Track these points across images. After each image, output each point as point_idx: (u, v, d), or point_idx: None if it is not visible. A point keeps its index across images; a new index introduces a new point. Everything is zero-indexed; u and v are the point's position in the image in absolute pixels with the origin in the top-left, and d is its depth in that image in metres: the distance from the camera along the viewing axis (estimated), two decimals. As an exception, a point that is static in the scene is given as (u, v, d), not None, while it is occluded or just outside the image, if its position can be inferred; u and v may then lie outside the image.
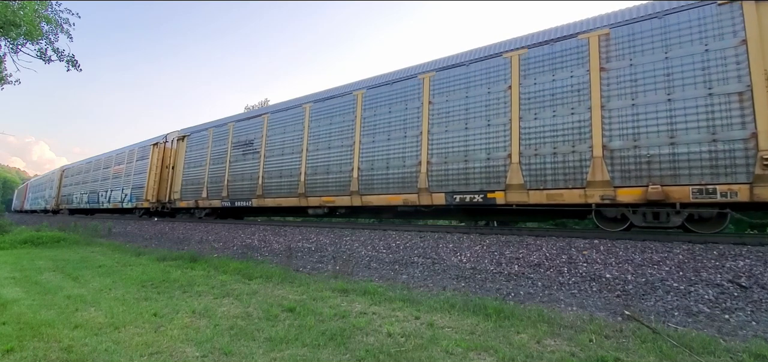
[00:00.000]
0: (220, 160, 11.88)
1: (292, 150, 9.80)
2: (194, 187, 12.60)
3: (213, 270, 6.36)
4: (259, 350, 3.06)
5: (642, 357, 2.86)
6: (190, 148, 13.24)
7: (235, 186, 11.16)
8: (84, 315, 4.06)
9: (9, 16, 11.82)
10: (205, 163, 12.34)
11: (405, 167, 7.65)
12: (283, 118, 10.33)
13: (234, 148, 11.47)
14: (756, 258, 4.20)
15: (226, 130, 11.91)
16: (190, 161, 13.03)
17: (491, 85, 6.86)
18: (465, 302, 4.19)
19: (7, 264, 7.55)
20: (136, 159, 16.04)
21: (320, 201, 8.93)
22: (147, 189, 14.67)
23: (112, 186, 17.87)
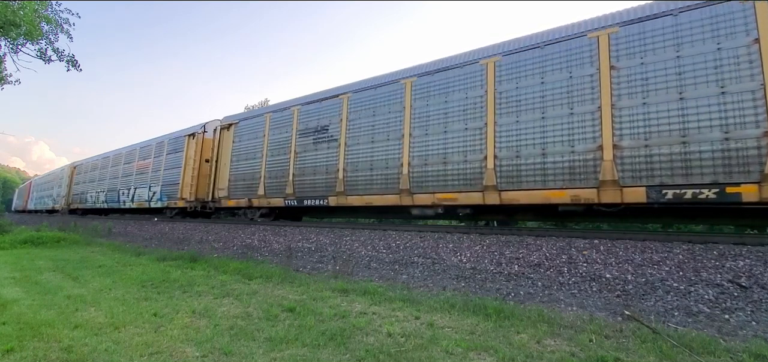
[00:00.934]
0: (281, 150, 9.98)
1: (387, 135, 7.98)
2: (246, 184, 10.69)
3: (213, 270, 6.36)
4: (259, 350, 3.06)
5: (642, 357, 2.86)
6: (238, 138, 11.29)
7: (303, 181, 9.29)
8: (84, 315, 4.06)
9: (9, 16, 11.83)
10: (261, 155, 10.42)
11: (574, 153, 5.84)
12: (371, 98, 8.47)
13: (301, 136, 9.59)
14: (756, 258, 4.20)
15: (289, 115, 10.02)
16: (240, 153, 11.09)
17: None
18: (465, 302, 4.20)
19: (7, 264, 7.55)
20: (167, 152, 14.19)
21: (433, 198, 7.14)
22: (182, 186, 12.89)
23: (136, 183, 15.84)
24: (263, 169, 10.32)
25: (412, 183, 7.43)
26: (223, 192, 11.40)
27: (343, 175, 8.53)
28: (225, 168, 11.53)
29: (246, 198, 10.66)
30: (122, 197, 16.71)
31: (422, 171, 7.35)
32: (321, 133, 9.24)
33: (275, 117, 10.48)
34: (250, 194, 10.55)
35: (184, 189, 12.83)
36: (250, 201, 10.51)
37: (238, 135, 11.39)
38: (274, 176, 10.04)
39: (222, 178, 11.56)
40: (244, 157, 11.02)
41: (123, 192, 16.74)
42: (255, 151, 10.75)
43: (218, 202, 11.57)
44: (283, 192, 9.69)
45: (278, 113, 10.45)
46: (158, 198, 14.18)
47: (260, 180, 10.33)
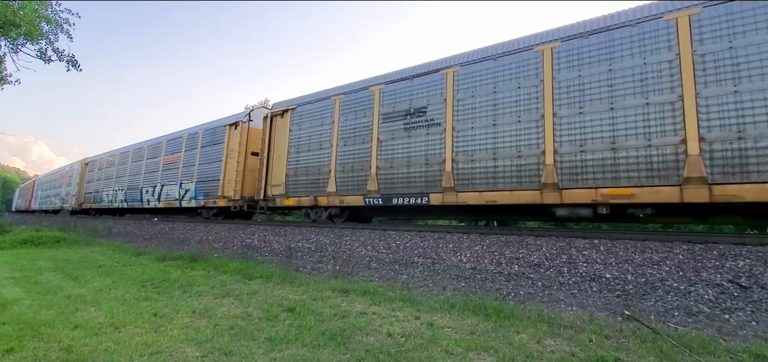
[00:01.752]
0: (358, 138, 8.41)
1: (516, 116, 6.42)
2: (309, 180, 9.10)
3: (213, 270, 6.36)
4: (259, 350, 3.06)
5: (642, 357, 2.86)
6: (297, 126, 9.67)
7: (391, 176, 7.74)
8: (84, 315, 4.06)
9: (9, 16, 11.83)
10: (329, 144, 8.84)
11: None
12: (489, 71, 6.88)
13: (386, 120, 8.04)
14: (756, 258, 4.20)
15: (368, 97, 8.46)
16: (300, 144, 9.50)
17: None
18: (465, 302, 4.20)
19: (7, 264, 7.55)
20: (202, 145, 12.64)
21: (596, 194, 5.64)
22: (223, 183, 11.33)
23: (163, 180, 14.19)
24: (333, 162, 8.69)
25: (562, 176, 5.89)
26: (278, 189, 9.73)
27: (452, 167, 6.97)
28: (279, 161, 9.87)
29: (310, 197, 9.03)
30: (146, 195, 15.05)
31: (577, 159, 5.82)
32: (416, 115, 7.65)
33: (348, 100, 8.80)
34: (315, 191, 8.92)
35: (226, 186, 11.21)
36: (316, 199, 8.86)
37: (297, 122, 9.72)
38: (348, 169, 8.44)
39: (276, 173, 9.91)
40: (306, 148, 9.38)
41: (147, 190, 15.05)
42: (321, 140, 9.09)
43: (272, 201, 9.91)
44: (362, 189, 8.11)
45: (352, 95, 8.77)
46: (192, 196, 12.56)
47: (329, 174, 8.70)
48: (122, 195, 16.77)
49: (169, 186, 13.86)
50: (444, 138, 7.20)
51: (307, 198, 9.21)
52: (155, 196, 14.49)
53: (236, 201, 10.89)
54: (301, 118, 9.73)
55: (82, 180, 21.30)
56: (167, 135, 15.10)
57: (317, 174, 9.03)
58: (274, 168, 10.07)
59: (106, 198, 18.12)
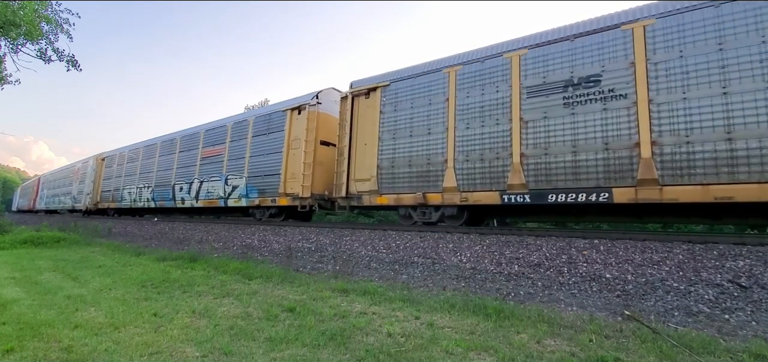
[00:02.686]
0: (488, 118, 6.74)
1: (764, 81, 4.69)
2: (413, 173, 7.48)
3: (213, 270, 6.36)
4: (259, 350, 3.06)
5: (642, 357, 2.86)
6: (392, 106, 8.06)
7: (545, 165, 6.11)
8: (84, 315, 4.06)
9: (9, 16, 11.83)
10: (443, 127, 7.19)
11: None
12: (709, 25, 5.12)
13: (533, 94, 6.33)
14: (756, 258, 4.20)
15: (501, 65, 6.77)
16: (397, 127, 7.87)
17: None
18: (465, 302, 4.20)
19: (7, 264, 7.55)
20: (254, 134, 11.00)
21: None
22: (285, 178, 9.68)
23: (202, 175, 12.44)
24: (450, 149, 7.04)
25: None
26: (366, 184, 8.15)
27: (652, 151, 5.27)
28: (366, 150, 8.29)
29: (415, 193, 7.39)
30: (180, 193, 13.27)
31: None
32: (582, 87, 5.96)
33: (469, 72, 7.13)
34: (423, 186, 7.34)
35: (290, 182, 9.64)
36: (425, 196, 7.25)
37: (391, 101, 8.11)
38: (475, 158, 6.78)
39: (362, 164, 8.32)
40: (406, 132, 7.72)
41: (181, 187, 13.25)
42: (429, 121, 7.48)
43: (356, 199, 8.31)
44: (498, 183, 6.50)
45: (475, 65, 7.10)
46: (242, 193, 10.90)
47: (444, 165, 7.07)
48: (148, 193, 14.96)
49: (213, 183, 11.99)
50: (633, 114, 5.48)
51: (409, 195, 7.46)
52: (192, 194, 12.65)
53: (305, 200, 9.19)
54: (396, 97, 8.00)
55: (97, 177, 19.39)
56: (205, 124, 13.47)
57: (426, 164, 7.33)
58: (357, 159, 8.41)
59: (129, 197, 16.30)
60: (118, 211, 18.04)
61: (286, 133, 10.07)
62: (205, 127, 13.22)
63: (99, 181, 19.31)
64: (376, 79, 8.59)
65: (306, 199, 9.23)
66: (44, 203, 28.30)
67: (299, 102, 10.01)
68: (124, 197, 16.72)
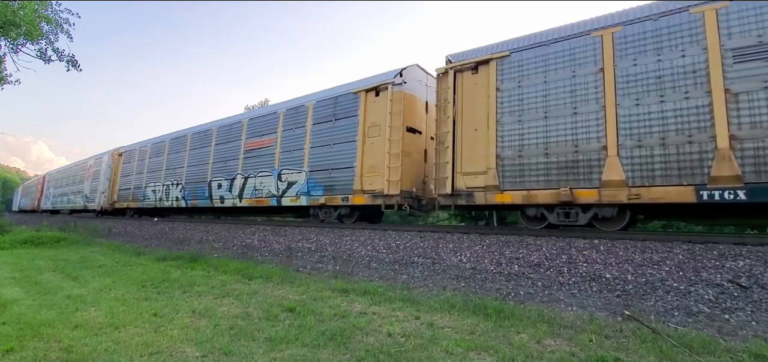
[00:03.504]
0: (669, 91, 5.35)
1: None
2: (548, 163, 6.11)
3: (213, 270, 6.36)
4: (259, 350, 3.06)
5: (642, 357, 2.86)
6: (515, 81, 6.61)
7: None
8: (84, 315, 4.06)
9: (9, 16, 11.83)
10: (599, 104, 5.78)
11: None
12: None
13: (742, 58, 4.97)
14: (756, 258, 4.20)
15: (688, 21, 5.37)
16: (524, 107, 6.45)
17: None
18: (465, 302, 4.20)
19: (7, 264, 7.55)
20: (315, 121, 9.49)
21: None
22: (361, 172, 8.25)
23: (247, 170, 10.96)
24: (610, 132, 5.64)
25: None
26: (479, 179, 6.75)
27: None
28: (478, 138, 6.88)
29: (557, 189, 5.96)
30: (218, 191, 11.76)
31: None
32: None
33: (633, 32, 5.72)
34: (568, 180, 5.91)
35: (368, 177, 8.20)
36: (573, 192, 5.83)
37: (513, 76, 6.66)
38: (652, 143, 5.37)
39: (474, 155, 6.89)
40: (539, 114, 6.30)
41: (219, 183, 11.77)
42: (573, 98, 6.03)
43: (466, 197, 6.85)
44: (694, 175, 5.06)
45: (642, 25, 5.69)
46: (302, 191, 9.38)
47: (603, 152, 5.68)
48: (178, 191, 13.40)
49: (261, 178, 10.47)
50: None
51: (546, 191, 6.07)
52: (234, 192, 11.18)
53: (392, 198, 7.75)
54: (521, 70, 6.60)
55: (114, 174, 17.67)
56: (248, 112, 12.21)
57: (571, 153, 5.94)
58: (464, 148, 7.01)
59: (153, 196, 14.70)
60: (140, 211, 16.34)
61: (360, 119, 8.56)
62: (248, 116, 11.81)
63: (116, 178, 17.64)
64: (486, 50, 7.12)
65: (393, 197, 7.75)
66: (50, 203, 26.62)
67: (376, 82, 8.52)
68: (147, 195, 15.19)
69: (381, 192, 7.94)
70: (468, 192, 6.87)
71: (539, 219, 6.46)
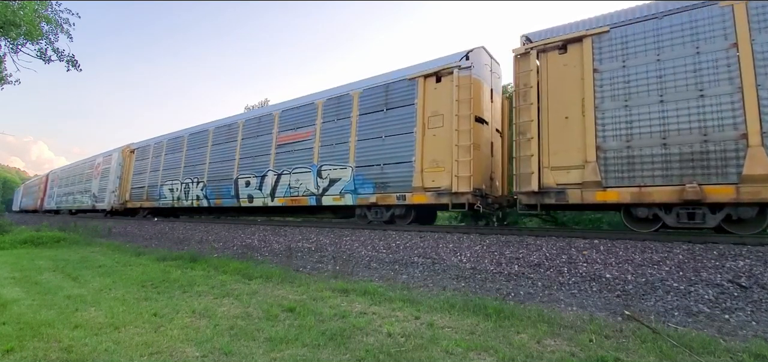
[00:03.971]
0: None
1: None
2: (667, 155, 5.31)
3: (213, 270, 6.36)
4: (259, 350, 3.06)
5: (642, 357, 2.86)
6: (618, 59, 5.80)
7: None
8: (84, 315, 4.06)
9: (9, 16, 11.83)
10: (734, 84, 5.03)
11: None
12: None
13: None
14: (756, 258, 4.21)
15: None
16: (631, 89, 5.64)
17: None
18: (465, 302, 4.20)
19: (7, 264, 7.55)
20: (362, 111, 8.64)
21: None
22: (421, 167, 7.48)
23: (279, 166, 10.05)
24: (752, 117, 4.86)
25: None
26: (573, 175, 5.94)
27: None
28: (570, 127, 6.06)
29: (679, 185, 5.15)
30: (246, 189, 10.86)
31: None
32: None
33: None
34: (694, 174, 5.11)
35: (429, 173, 7.39)
36: (702, 188, 5.02)
37: (615, 54, 5.82)
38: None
39: (565, 147, 6.07)
40: (651, 97, 5.50)
41: (247, 181, 10.88)
42: (696, 78, 5.25)
43: (556, 195, 6.04)
44: None
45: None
46: (347, 188, 8.55)
47: (743, 141, 4.88)
48: (199, 189, 12.52)
49: (295, 175, 9.58)
50: None
51: (665, 188, 5.22)
52: (265, 190, 10.28)
53: (462, 196, 6.86)
54: (625, 47, 5.79)
55: (125, 172, 16.75)
56: (279, 104, 11.00)
57: (699, 142, 5.10)
58: (551, 139, 6.23)
59: (170, 195, 13.79)
60: (155, 212, 15.45)
61: (418, 108, 7.77)
62: (280, 107, 10.81)
63: (127, 176, 16.68)
64: (576, 27, 6.31)
65: (463, 195, 6.85)
66: (55, 202, 25.50)
67: (437, 66, 7.69)
68: (163, 194, 14.23)
69: (447, 190, 7.09)
70: (558, 189, 6.05)
71: (651, 220, 5.60)
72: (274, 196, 10.09)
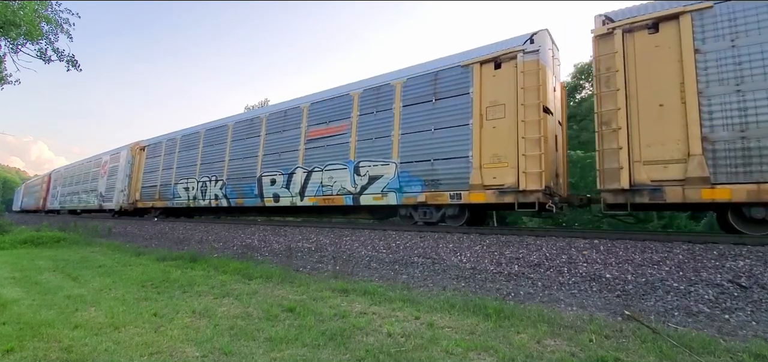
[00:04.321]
0: None
1: None
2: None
3: (213, 270, 6.36)
4: (259, 350, 3.06)
5: (642, 357, 2.86)
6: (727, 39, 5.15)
7: None
8: (84, 315, 4.06)
9: (9, 16, 11.83)
10: None
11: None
12: None
13: None
14: (756, 258, 4.20)
15: None
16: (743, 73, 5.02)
17: None
18: (465, 302, 4.20)
19: (7, 264, 7.55)
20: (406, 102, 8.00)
21: None
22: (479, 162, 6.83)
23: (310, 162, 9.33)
24: None
25: None
26: (671, 170, 5.28)
27: None
28: (665, 116, 5.40)
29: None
30: (272, 188, 10.14)
31: None
32: None
33: None
34: None
35: (489, 169, 6.73)
36: None
37: (722, 31, 5.16)
38: None
39: (659, 138, 5.42)
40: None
41: (272, 179, 10.16)
42: None
43: (650, 193, 5.37)
44: None
45: None
46: (391, 186, 7.82)
47: None
48: (217, 188, 11.80)
49: (328, 173, 8.86)
50: None
51: None
52: (293, 189, 9.55)
53: (530, 194, 6.25)
54: (734, 23, 5.09)
55: (135, 170, 16.15)
56: (308, 96, 10.12)
57: None
58: (642, 129, 5.54)
59: (186, 194, 13.11)
60: (168, 211, 14.79)
61: (474, 98, 7.08)
62: (309, 99, 9.93)
63: (137, 174, 16.07)
64: (671, 4, 5.56)
65: (533, 194, 6.23)
66: (58, 202, 24.78)
67: (496, 50, 7.03)
68: (177, 194, 13.52)
69: (513, 188, 6.45)
70: (654, 187, 5.33)
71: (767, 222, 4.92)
72: (303, 195, 9.35)
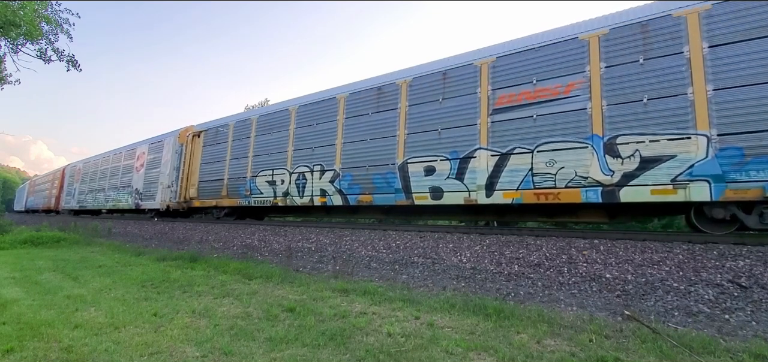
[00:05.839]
0: None
1: None
2: None
3: (213, 270, 6.36)
4: (259, 350, 3.06)
5: (642, 357, 2.86)
6: None
7: None
8: (84, 315, 4.06)
9: (9, 16, 11.83)
10: None
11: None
12: None
13: None
14: (756, 258, 4.20)
15: None
16: None
17: None
18: (465, 302, 4.20)
19: (7, 264, 7.55)
20: (712, 44, 4.93)
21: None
22: None
23: (503, 141, 6.41)
24: None
25: None
26: None
27: None
28: None
29: None
30: (427, 180, 7.22)
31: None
32: None
33: None
34: None
35: None
36: None
37: None
38: None
39: None
40: None
41: (427, 168, 7.22)
42: None
43: None
44: None
45: None
46: (702, 172, 4.83)
47: None
48: (327, 181, 8.83)
49: (545, 155, 6.02)
50: None
51: None
52: (471, 180, 6.71)
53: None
54: None
55: (188, 162, 13.05)
56: (487, 48, 7.24)
57: None
58: None
59: (271, 189, 10.05)
60: (242, 212, 11.76)
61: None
62: (493, 51, 6.95)
63: (192, 166, 12.89)
64: None
65: None
66: (76, 201, 20.95)
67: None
68: (257, 189, 10.39)
69: None
70: None
71: None
72: (492, 189, 6.47)
